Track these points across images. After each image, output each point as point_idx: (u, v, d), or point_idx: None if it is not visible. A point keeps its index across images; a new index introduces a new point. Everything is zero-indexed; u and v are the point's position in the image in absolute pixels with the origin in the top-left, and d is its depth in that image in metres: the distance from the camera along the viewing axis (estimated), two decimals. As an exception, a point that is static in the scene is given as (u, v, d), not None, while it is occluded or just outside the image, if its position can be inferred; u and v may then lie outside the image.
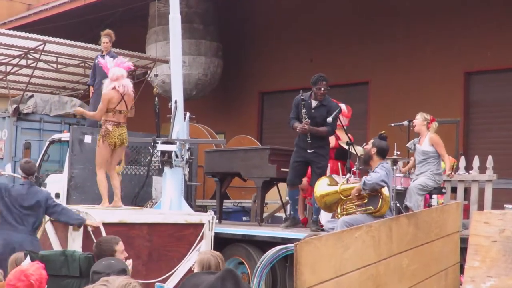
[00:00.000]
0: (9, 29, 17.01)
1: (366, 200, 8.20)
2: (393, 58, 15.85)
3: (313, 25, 17.34)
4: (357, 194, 8.18)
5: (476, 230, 4.33)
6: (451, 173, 9.52)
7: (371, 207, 8.14)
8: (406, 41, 15.64)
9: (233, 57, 18.49)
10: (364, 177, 8.12)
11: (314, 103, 9.21)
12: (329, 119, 9.01)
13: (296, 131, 9.29)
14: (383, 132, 8.62)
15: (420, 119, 9.53)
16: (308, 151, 9.13)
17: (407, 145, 9.80)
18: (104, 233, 7.24)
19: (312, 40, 17.30)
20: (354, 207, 8.30)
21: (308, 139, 9.11)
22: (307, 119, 9.09)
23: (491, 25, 14.31)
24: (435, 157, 9.36)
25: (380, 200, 8.07)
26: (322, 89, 9.11)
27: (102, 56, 11.99)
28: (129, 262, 5.82)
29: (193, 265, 6.20)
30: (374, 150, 8.30)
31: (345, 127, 9.77)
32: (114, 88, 8.88)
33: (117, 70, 8.97)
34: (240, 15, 18.97)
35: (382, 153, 8.30)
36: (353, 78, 16.20)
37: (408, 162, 10.14)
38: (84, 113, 9.69)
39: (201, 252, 6.67)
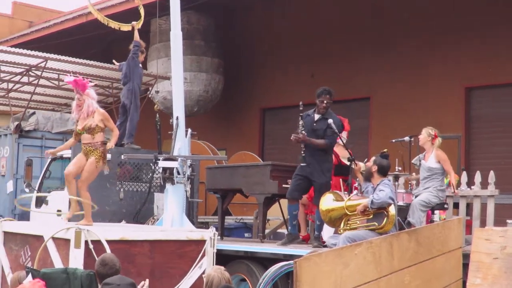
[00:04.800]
0: (11, 46, 17.07)
1: (371, 216, 8.20)
2: (394, 74, 15.88)
3: (314, 41, 17.39)
4: (362, 210, 8.17)
5: (477, 247, 4.32)
6: (454, 192, 9.49)
7: (375, 223, 8.12)
8: (407, 56, 15.67)
9: (234, 74, 18.54)
10: (371, 196, 8.11)
11: (316, 116, 9.20)
12: (330, 121, 8.95)
13: (297, 145, 9.25)
14: (385, 150, 8.63)
15: (424, 135, 9.54)
16: (301, 164, 9.13)
17: (413, 161, 9.79)
18: (108, 249, 7.22)
19: (313, 56, 17.34)
20: (358, 222, 8.29)
21: (302, 152, 9.11)
22: (303, 132, 9.09)
23: (491, 40, 14.34)
24: (440, 173, 9.36)
25: (385, 218, 8.06)
26: (325, 102, 9.09)
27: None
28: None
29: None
30: (375, 168, 8.36)
31: (344, 142, 9.70)
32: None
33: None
34: (241, 32, 19.04)
35: (383, 171, 8.35)
36: (354, 93, 16.23)
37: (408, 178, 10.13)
38: (113, 143, 9.03)
39: (212, 268, 6.71)
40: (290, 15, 17.79)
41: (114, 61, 12.68)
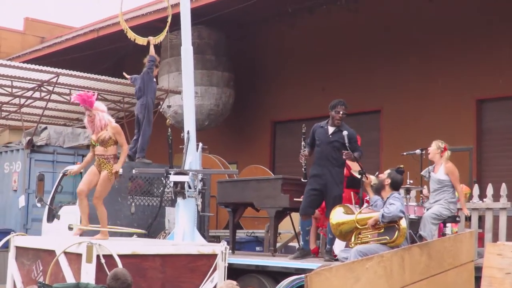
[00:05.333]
0: (23, 62, 17.21)
1: (382, 230, 8.17)
2: (405, 86, 15.87)
3: (325, 54, 17.42)
4: (373, 224, 8.15)
5: (489, 262, 4.31)
6: (464, 211, 9.45)
7: (386, 237, 8.10)
8: (417, 69, 15.67)
9: (245, 87, 18.57)
10: (382, 210, 8.10)
11: (331, 129, 9.21)
12: (345, 133, 9.03)
13: (309, 159, 9.29)
14: (401, 166, 8.62)
15: (434, 147, 9.56)
16: (303, 180, 9.19)
17: (422, 172, 9.79)
18: (120, 264, 7.22)
19: (323, 69, 17.36)
20: (369, 236, 8.26)
21: (303, 170, 9.17)
22: (306, 151, 9.18)
23: (502, 52, 14.31)
24: (450, 185, 9.33)
25: (397, 231, 8.03)
26: (341, 113, 9.12)
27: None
28: None
29: None
30: (388, 181, 8.34)
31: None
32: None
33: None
34: (252, 46, 19.10)
35: (395, 186, 8.35)
36: (365, 106, 16.22)
37: (421, 191, 10.11)
38: (120, 165, 8.97)
39: (223, 282, 6.70)
40: (300, 28, 17.83)
41: (124, 73, 12.73)
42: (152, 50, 12.22)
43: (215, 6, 16.07)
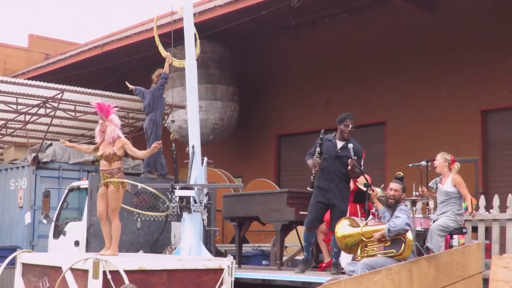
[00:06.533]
0: (28, 78, 17.26)
1: (388, 243, 8.15)
2: (410, 98, 15.88)
3: (328, 67, 17.44)
4: (379, 238, 8.13)
5: (495, 275, 4.29)
6: (472, 212, 9.43)
7: (393, 250, 8.07)
8: (422, 80, 15.67)
9: (249, 101, 18.60)
10: (388, 224, 8.08)
11: (339, 143, 9.18)
12: (350, 145, 8.98)
13: (316, 167, 9.22)
14: (400, 173, 8.61)
15: (441, 160, 9.50)
16: (309, 188, 9.15)
17: (430, 184, 9.76)
18: (126, 280, 7.21)
19: (327, 82, 17.38)
20: (375, 249, 8.24)
21: (311, 178, 9.12)
22: (317, 158, 9.08)
23: (506, 62, 14.31)
24: (457, 197, 9.30)
25: (403, 244, 8.01)
26: (350, 126, 9.11)
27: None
28: None
29: None
30: (404, 195, 8.36)
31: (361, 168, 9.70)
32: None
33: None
34: (255, 59, 19.13)
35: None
36: (369, 118, 16.22)
37: (427, 203, 10.08)
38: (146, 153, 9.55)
39: None
40: (304, 42, 17.86)
41: (127, 83, 12.73)
42: (166, 67, 12.26)
43: (218, 21, 16.12)
